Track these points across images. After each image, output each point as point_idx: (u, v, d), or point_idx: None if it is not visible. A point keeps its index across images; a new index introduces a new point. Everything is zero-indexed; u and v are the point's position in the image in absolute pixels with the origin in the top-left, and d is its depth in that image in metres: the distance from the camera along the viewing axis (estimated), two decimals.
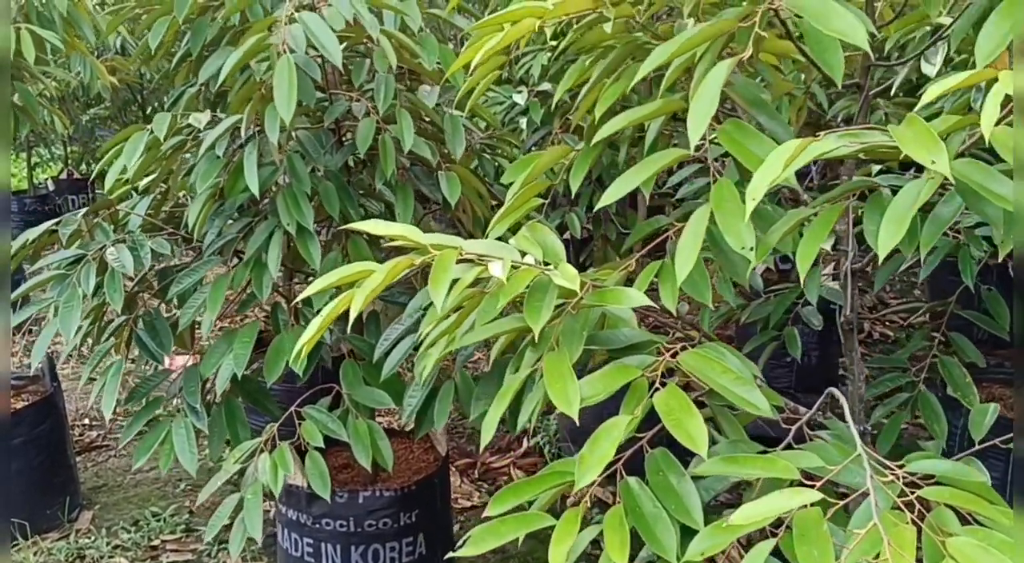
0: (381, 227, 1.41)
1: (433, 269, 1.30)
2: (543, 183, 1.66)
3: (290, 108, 1.61)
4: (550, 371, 1.31)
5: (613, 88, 1.46)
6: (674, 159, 1.35)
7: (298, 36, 1.66)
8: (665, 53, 1.18)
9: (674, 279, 1.50)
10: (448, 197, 1.99)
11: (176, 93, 2.33)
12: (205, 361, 2.06)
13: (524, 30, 1.37)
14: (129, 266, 1.94)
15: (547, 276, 1.35)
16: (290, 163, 1.91)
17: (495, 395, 1.92)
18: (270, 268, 1.95)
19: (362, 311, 1.97)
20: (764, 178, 0.99)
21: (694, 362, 1.32)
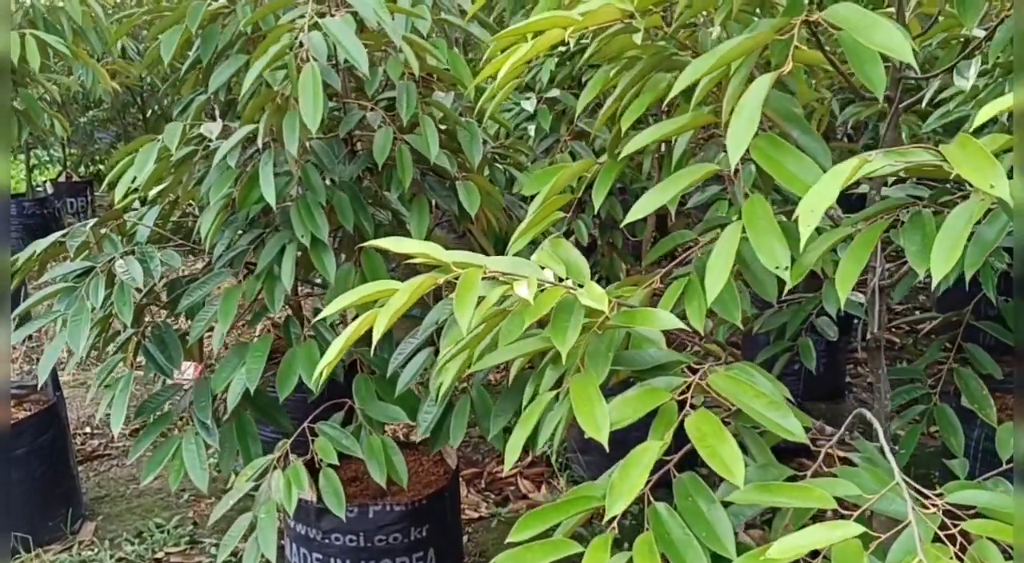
0: (404, 245, 1.38)
1: (458, 289, 1.26)
2: (565, 196, 1.63)
3: (316, 118, 1.58)
4: (577, 394, 1.28)
5: (639, 101, 1.43)
6: (704, 175, 1.32)
7: (318, 44, 1.62)
8: (703, 67, 1.15)
9: (701, 297, 1.47)
10: (468, 208, 1.95)
11: (185, 101, 2.29)
12: (216, 375, 2.02)
13: (551, 41, 1.33)
14: (139, 279, 1.91)
15: (573, 296, 1.31)
16: (304, 174, 1.87)
17: (513, 411, 1.91)
18: (283, 281, 1.91)
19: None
20: (820, 203, 0.95)
21: (725, 384, 1.28)
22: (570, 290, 1.32)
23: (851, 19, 1.11)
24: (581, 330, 1.33)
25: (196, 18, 1.94)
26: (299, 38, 1.64)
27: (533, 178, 1.73)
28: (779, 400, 1.25)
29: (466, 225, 2.26)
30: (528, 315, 1.27)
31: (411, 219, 2.00)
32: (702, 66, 1.15)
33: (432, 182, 2.06)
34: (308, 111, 1.58)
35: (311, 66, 1.61)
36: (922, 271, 1.19)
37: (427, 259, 1.37)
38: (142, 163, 1.85)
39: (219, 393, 2.02)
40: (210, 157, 2.04)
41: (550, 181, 1.72)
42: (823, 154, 1.30)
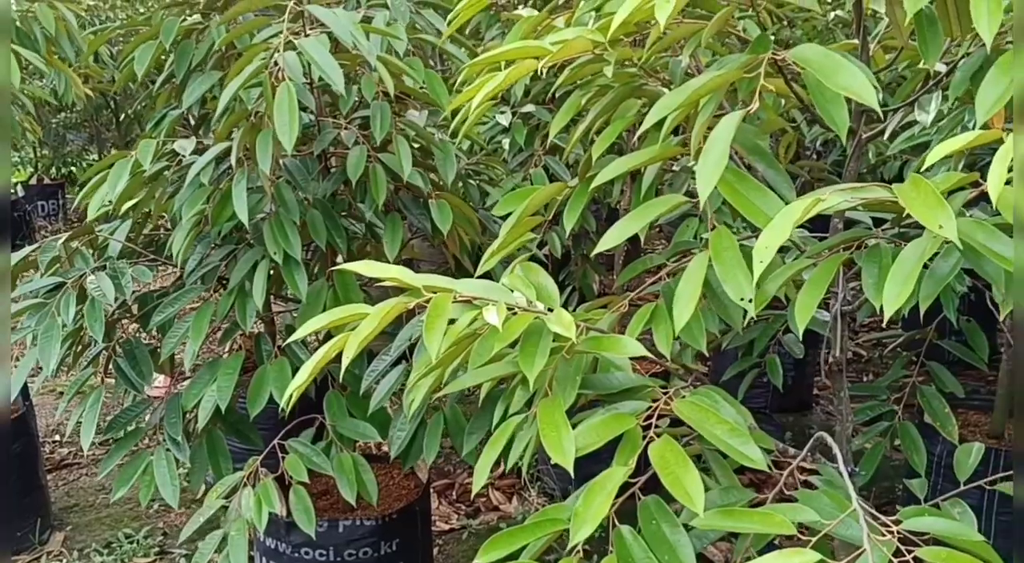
0: (374, 269, 1.39)
1: (428, 315, 1.28)
2: (536, 219, 1.65)
3: (291, 137, 1.59)
4: (544, 419, 1.30)
5: (611, 129, 1.46)
6: (673, 207, 1.35)
7: (293, 63, 1.63)
8: (672, 104, 1.17)
9: (668, 323, 1.50)
10: (440, 225, 1.97)
11: (158, 115, 2.29)
12: (187, 392, 2.03)
13: (524, 72, 1.36)
14: (110, 295, 1.91)
15: (542, 321, 1.33)
16: (278, 191, 1.89)
17: (487, 429, 1.92)
18: (255, 297, 1.92)
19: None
20: (773, 240, 0.98)
21: (688, 411, 1.31)
22: (539, 316, 1.34)
23: (815, 61, 1.14)
24: (550, 354, 1.35)
25: (170, 34, 1.95)
26: (274, 57, 1.65)
27: (506, 199, 1.75)
28: (740, 427, 1.28)
29: (440, 240, 2.27)
30: (497, 341, 1.29)
31: (385, 235, 2.01)
32: (672, 102, 1.18)
33: (406, 199, 2.08)
34: (284, 130, 1.59)
35: (286, 85, 1.62)
36: (877, 304, 1.22)
37: (397, 283, 1.39)
38: (115, 179, 1.85)
39: (190, 409, 2.02)
40: (182, 173, 2.05)
41: (522, 202, 1.74)
42: (786, 187, 1.33)
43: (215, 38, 2.00)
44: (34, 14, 3.05)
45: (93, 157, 9.70)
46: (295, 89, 1.61)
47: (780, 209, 1.22)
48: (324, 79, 1.69)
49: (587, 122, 1.51)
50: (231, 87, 1.60)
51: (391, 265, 1.40)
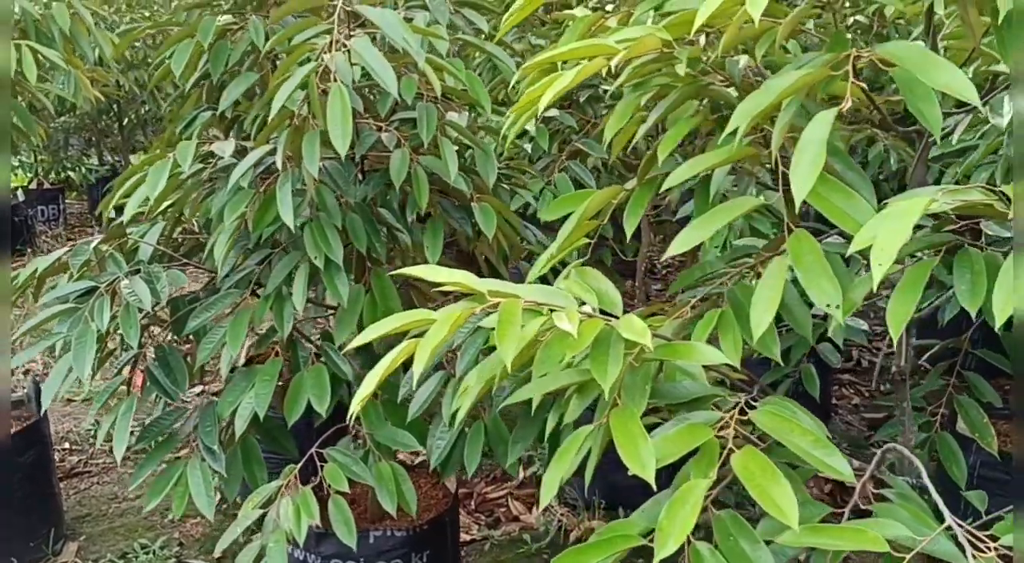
0: (437, 273, 1.35)
1: (499, 321, 1.23)
2: (593, 223, 1.61)
3: (345, 141, 1.54)
4: (619, 430, 1.25)
5: (675, 130, 1.41)
6: (745, 211, 1.30)
7: (343, 65, 1.59)
8: (760, 104, 1.13)
9: (735, 331, 1.45)
10: (485, 229, 1.92)
11: (189, 117, 2.24)
12: (222, 400, 1.97)
13: (593, 70, 1.31)
14: (146, 300, 1.85)
15: (612, 328, 1.29)
16: (319, 195, 1.84)
17: (532, 438, 1.87)
18: (295, 302, 1.86)
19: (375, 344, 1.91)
20: (893, 242, 0.94)
21: (768, 421, 1.26)
22: (609, 323, 1.30)
23: (910, 57, 1.10)
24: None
25: (208, 34, 1.90)
26: (322, 59, 1.60)
27: (555, 203, 1.70)
28: (824, 438, 1.23)
29: (475, 246, 2.23)
30: (568, 348, 1.24)
31: (426, 238, 1.96)
32: (759, 102, 1.13)
33: (446, 203, 2.03)
34: (337, 133, 1.55)
35: (339, 88, 1.57)
36: (974, 310, 1.18)
37: (461, 288, 1.34)
38: (155, 180, 1.80)
39: (226, 417, 1.97)
40: (219, 175, 2.00)
41: (573, 207, 1.70)
42: (868, 190, 1.28)
43: (253, 39, 1.95)
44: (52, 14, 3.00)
45: (92, 162, 9.63)
46: (347, 92, 1.57)
47: (867, 213, 1.18)
48: (368, 81, 1.65)
49: (650, 123, 1.46)
50: (285, 89, 1.55)
51: (454, 269, 1.35)
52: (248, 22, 1.99)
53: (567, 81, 1.28)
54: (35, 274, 1.94)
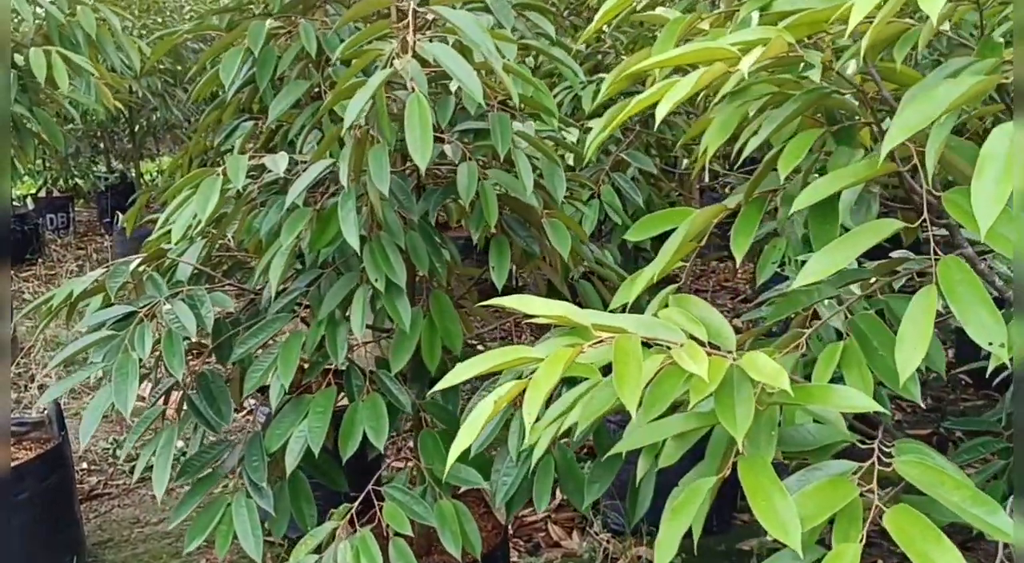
0: (532, 305, 1.20)
1: (617, 362, 1.09)
2: (692, 245, 1.47)
3: (426, 155, 1.40)
4: (751, 483, 1.10)
5: (797, 144, 1.27)
6: (890, 234, 1.16)
7: (418, 72, 1.45)
8: (927, 116, 0.99)
9: (862, 368, 1.31)
10: (559, 249, 1.78)
11: (229, 127, 2.10)
12: (271, 431, 1.83)
13: (715, 75, 1.17)
14: (191, 326, 1.71)
15: (739, 368, 1.14)
16: (381, 212, 1.69)
17: (612, 479, 1.73)
18: (355, 328, 1.72)
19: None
20: None
21: (916, 473, 1.12)
22: (734, 361, 1.15)
23: None
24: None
25: (259, 39, 1.76)
26: (392, 65, 1.46)
27: (643, 223, 1.56)
28: (981, 493, 1.09)
29: (538, 264, 2.08)
30: (695, 391, 1.10)
31: (492, 258, 1.82)
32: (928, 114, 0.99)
33: (511, 220, 1.89)
34: (416, 146, 1.40)
35: (417, 97, 1.43)
36: None
37: (563, 321, 1.20)
38: (205, 199, 1.66)
39: (274, 451, 1.82)
40: (271, 191, 1.86)
41: (663, 226, 1.56)
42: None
43: (304, 44, 1.81)
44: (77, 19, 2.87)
45: (101, 169, 9.50)
46: (427, 101, 1.42)
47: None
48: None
49: (765, 135, 1.32)
50: (359, 98, 1.41)
51: (554, 301, 1.21)
52: (299, 26, 1.85)
53: (686, 89, 1.14)
54: (70, 297, 1.80)
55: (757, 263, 2.13)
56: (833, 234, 1.32)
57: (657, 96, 1.17)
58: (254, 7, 2.95)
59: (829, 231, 1.31)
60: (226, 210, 1.92)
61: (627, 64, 1.41)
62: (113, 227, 8.04)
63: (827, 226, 1.32)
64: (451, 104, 1.85)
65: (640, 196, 3.08)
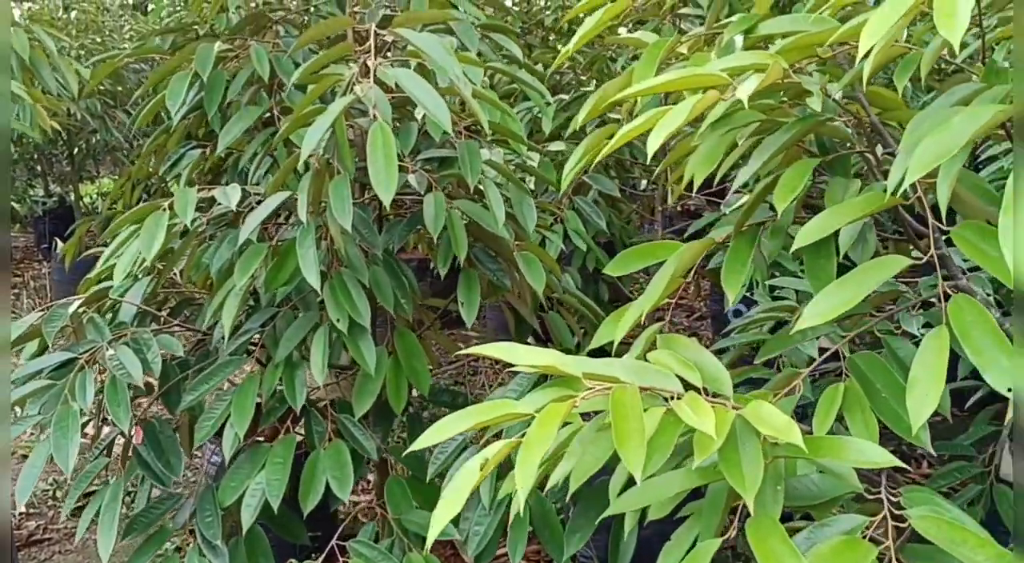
0: (517, 353, 1.11)
1: (616, 418, 1.00)
2: (679, 281, 1.38)
3: (390, 187, 1.30)
4: (760, 547, 1.01)
5: (795, 173, 1.19)
6: (899, 270, 1.08)
7: (381, 100, 1.34)
8: (947, 148, 0.91)
9: (864, 412, 1.23)
10: (534, 283, 1.68)
11: (175, 155, 1.97)
12: (225, 484, 1.70)
13: (709, 103, 1.09)
14: (136, 373, 1.58)
15: (744, 419, 1.06)
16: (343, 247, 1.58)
17: (593, 529, 1.63)
18: (315, 371, 1.60)
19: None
20: None
21: (935, 530, 1.04)
22: (738, 411, 1.06)
23: None
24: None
25: (207, 63, 1.65)
26: (355, 91, 1.35)
27: (624, 257, 1.48)
28: (1004, 551, 1.01)
29: (506, 297, 1.98)
30: (701, 449, 1.01)
31: (461, 293, 1.72)
32: (948, 145, 0.91)
33: (479, 253, 1.78)
34: (380, 179, 1.30)
35: (380, 126, 1.33)
36: None
37: (550, 371, 1.10)
38: (150, 236, 1.53)
39: (228, 505, 1.69)
40: (220, 225, 1.73)
41: (646, 261, 1.47)
42: None
43: (256, 68, 1.70)
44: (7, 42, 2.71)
45: (38, 193, 9.19)
46: (389, 130, 1.32)
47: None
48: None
49: (756, 166, 1.24)
50: (318, 126, 1.30)
51: (542, 350, 1.12)
52: (250, 49, 1.74)
53: (680, 119, 1.06)
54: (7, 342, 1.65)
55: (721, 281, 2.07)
56: (830, 269, 1.24)
57: (648, 125, 1.09)
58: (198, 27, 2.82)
59: (825, 266, 1.24)
60: (173, 245, 1.79)
61: (608, 90, 1.32)
62: (52, 254, 7.75)
63: (823, 260, 1.25)
64: (414, 131, 1.76)
65: (602, 219, 3.00)
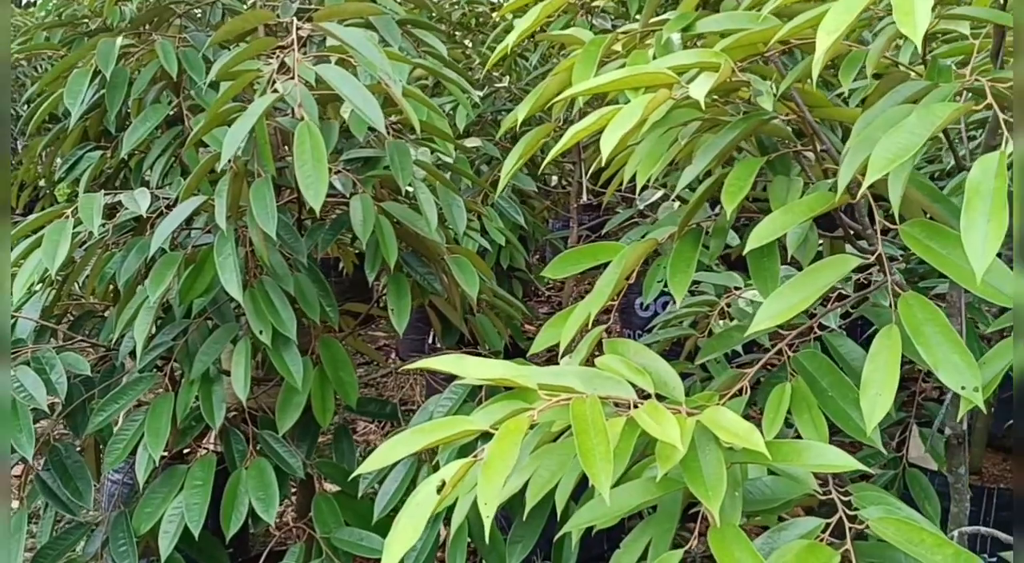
0: (472, 367, 1.05)
1: (579, 432, 0.95)
2: (624, 283, 1.35)
3: (320, 192, 1.21)
4: (724, 556, 0.99)
5: (741, 171, 1.17)
6: (849, 270, 1.08)
7: (307, 98, 1.26)
8: (905, 148, 0.90)
9: (813, 411, 1.22)
10: (467, 289, 1.62)
11: (72, 158, 1.84)
12: (139, 510, 1.59)
13: (660, 103, 1.06)
14: (40, 396, 1.46)
15: (704, 427, 1.03)
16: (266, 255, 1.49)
17: (536, 539, 1.59)
18: (238, 387, 1.51)
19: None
20: None
21: (893, 532, 1.03)
22: (697, 418, 1.04)
23: None
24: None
25: (110, 59, 1.53)
26: (278, 89, 1.27)
27: (563, 259, 1.44)
28: (962, 550, 1.01)
29: (429, 300, 1.92)
30: (664, 460, 0.97)
31: (390, 299, 1.65)
32: (905, 146, 0.90)
33: (407, 256, 1.72)
34: (309, 183, 1.22)
35: (307, 126, 1.24)
36: None
37: (505, 383, 1.05)
38: (53, 247, 1.40)
39: (143, 533, 1.58)
40: (123, 231, 1.62)
41: (586, 263, 1.44)
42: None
43: (164, 64, 1.59)
44: None
45: None
46: (318, 130, 1.24)
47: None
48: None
49: (701, 167, 1.22)
50: (240, 126, 1.21)
51: (493, 361, 1.07)
52: (155, 44, 1.62)
53: (633, 118, 1.02)
54: None
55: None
56: (775, 269, 1.23)
57: (599, 124, 1.05)
58: (88, 21, 2.65)
59: (770, 266, 1.23)
60: (76, 255, 1.67)
61: (549, 88, 1.28)
62: None
63: (767, 261, 1.24)
64: (335, 129, 1.67)
65: (520, 215, 2.97)
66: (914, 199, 1.14)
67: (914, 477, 2.43)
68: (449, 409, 1.57)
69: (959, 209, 0.95)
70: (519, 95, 3.20)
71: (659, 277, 2.31)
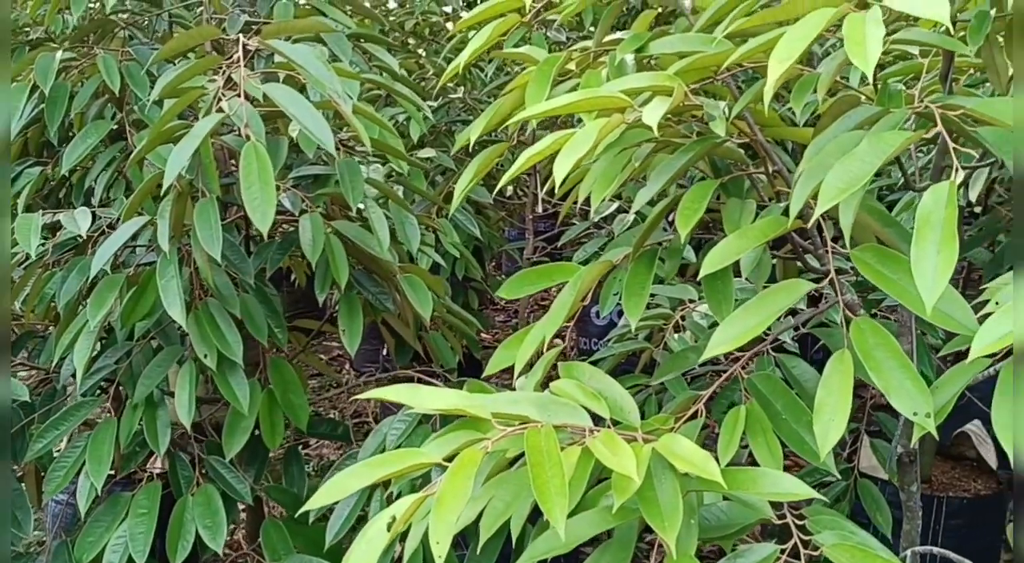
0: (426, 397, 1.03)
1: (533, 464, 0.93)
2: (580, 304, 1.34)
3: (268, 215, 1.18)
4: None
5: (696, 194, 1.17)
6: (803, 294, 1.08)
7: (253, 117, 1.23)
8: (856, 176, 0.90)
9: (767, 435, 1.22)
10: (420, 310, 1.60)
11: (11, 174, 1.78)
12: (81, 539, 1.53)
13: (614, 127, 1.05)
14: None
15: (659, 455, 1.02)
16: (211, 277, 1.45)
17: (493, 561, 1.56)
18: (181, 412, 1.47)
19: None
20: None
21: (847, 557, 1.03)
22: (652, 446, 1.03)
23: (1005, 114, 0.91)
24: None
25: (49, 73, 1.48)
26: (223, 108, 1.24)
27: (517, 280, 1.42)
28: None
29: (381, 317, 1.90)
30: (620, 491, 0.96)
31: (342, 320, 1.62)
32: (857, 174, 0.90)
33: (359, 275, 1.69)
34: (256, 205, 1.19)
35: (253, 147, 1.21)
36: None
37: (460, 412, 1.03)
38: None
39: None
40: (64, 250, 1.57)
41: (541, 284, 1.42)
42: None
43: (105, 79, 1.54)
44: None
45: None
46: (265, 151, 1.21)
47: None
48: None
49: (656, 188, 1.21)
50: (186, 147, 1.17)
51: (447, 390, 1.05)
52: (97, 59, 1.58)
53: (587, 143, 1.01)
54: None
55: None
56: (729, 292, 1.23)
57: (553, 148, 1.03)
58: (30, 30, 2.58)
59: (724, 289, 1.22)
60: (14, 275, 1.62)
61: (504, 106, 1.26)
62: None
63: (720, 283, 1.23)
64: (284, 146, 1.64)
65: (476, 227, 2.96)
66: (865, 224, 1.14)
67: (865, 488, 2.45)
68: (403, 431, 1.54)
69: (910, 234, 0.95)
70: (474, 106, 3.18)
71: (615, 290, 2.31)
